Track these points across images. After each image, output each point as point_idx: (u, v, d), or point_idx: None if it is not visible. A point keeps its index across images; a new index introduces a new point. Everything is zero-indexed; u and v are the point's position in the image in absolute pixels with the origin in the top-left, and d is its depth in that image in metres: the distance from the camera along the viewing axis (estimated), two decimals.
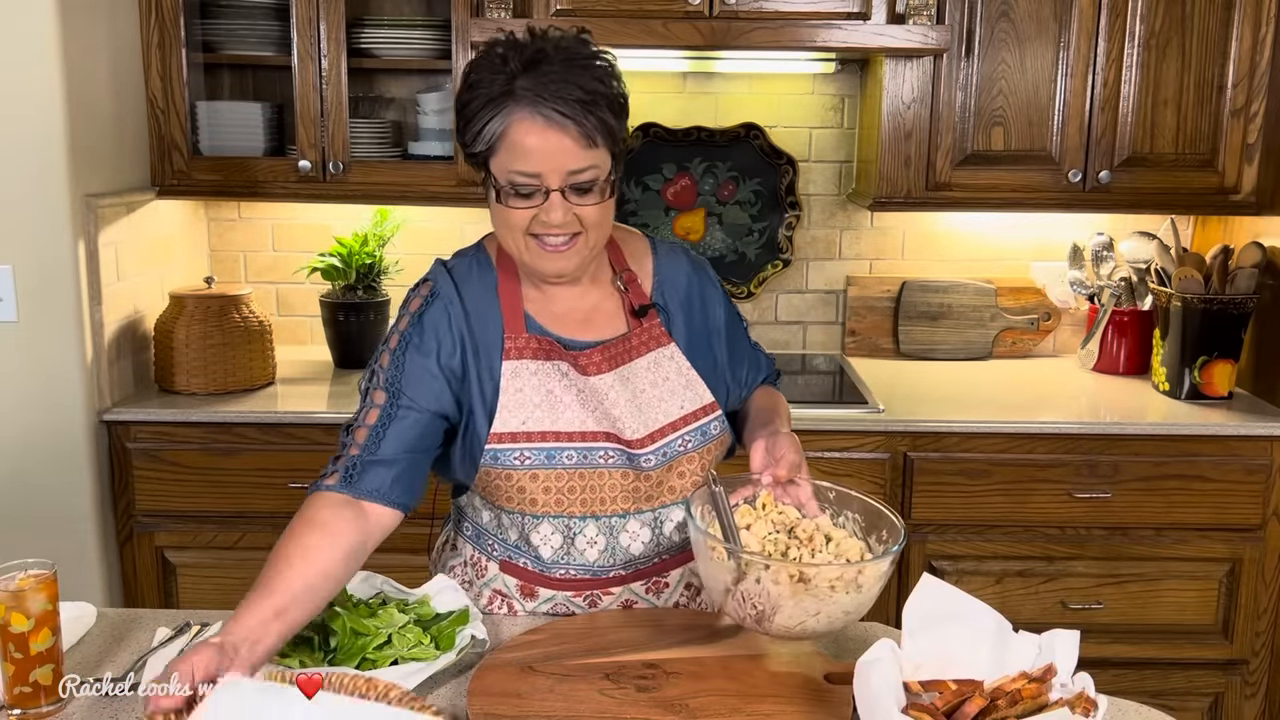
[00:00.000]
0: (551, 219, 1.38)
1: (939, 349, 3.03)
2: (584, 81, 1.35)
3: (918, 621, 1.21)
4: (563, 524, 1.48)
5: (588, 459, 1.45)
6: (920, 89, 2.62)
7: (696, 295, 1.58)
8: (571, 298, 1.52)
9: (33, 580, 1.26)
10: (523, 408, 1.45)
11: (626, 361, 1.50)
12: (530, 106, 1.34)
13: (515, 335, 1.47)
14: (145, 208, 2.62)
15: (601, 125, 1.36)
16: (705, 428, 1.52)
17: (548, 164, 1.35)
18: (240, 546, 2.52)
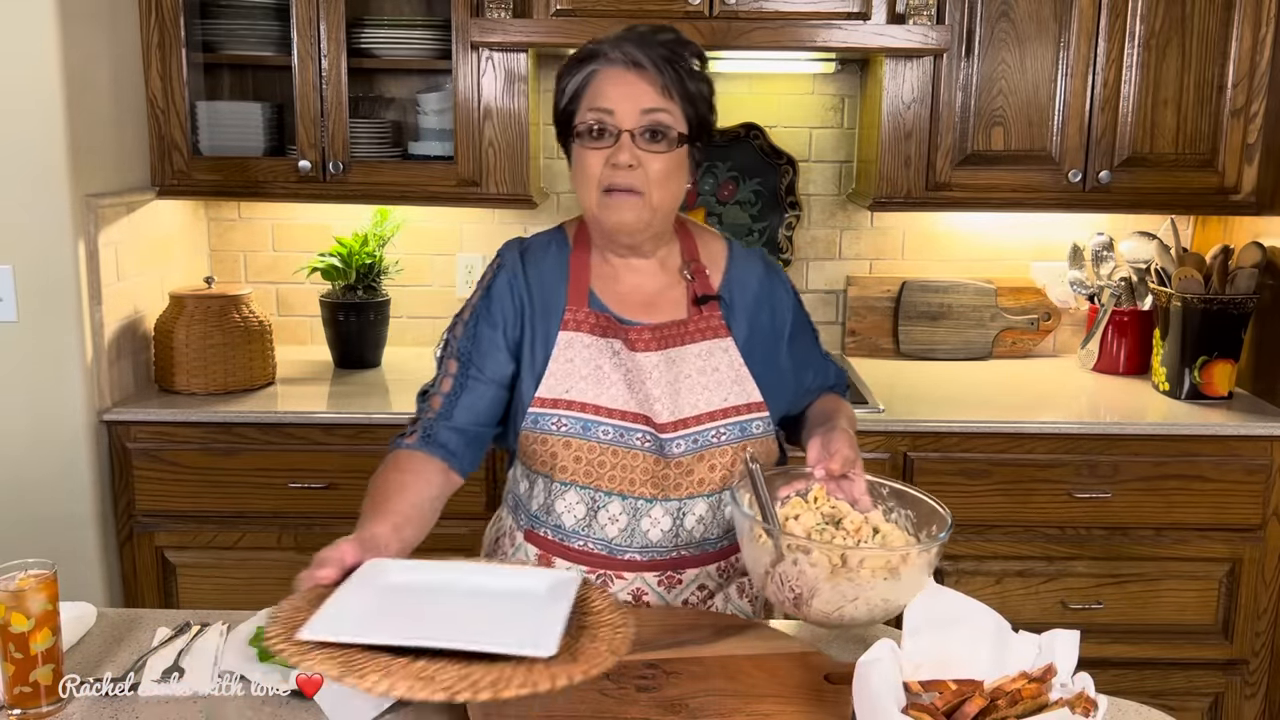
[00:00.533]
0: (620, 159, 1.44)
1: (939, 349, 3.03)
2: (671, 47, 1.46)
3: (918, 621, 1.21)
4: (588, 495, 1.51)
5: (623, 438, 1.49)
6: (920, 89, 2.62)
7: (766, 298, 1.61)
8: (638, 279, 1.57)
9: (33, 580, 1.26)
10: (569, 377, 1.50)
11: (677, 345, 1.53)
12: (618, 55, 1.45)
13: (576, 308, 1.54)
14: (145, 208, 2.62)
15: (678, 81, 1.45)
16: (746, 424, 1.53)
17: (623, 103, 1.44)
18: (240, 546, 2.52)
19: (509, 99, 2.60)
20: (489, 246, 3.01)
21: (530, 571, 1.36)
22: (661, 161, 1.46)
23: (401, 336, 3.04)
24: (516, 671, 1.04)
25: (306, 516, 2.50)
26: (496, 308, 1.55)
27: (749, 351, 1.56)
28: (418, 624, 1.12)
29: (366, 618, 1.13)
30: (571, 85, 1.48)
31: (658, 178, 1.46)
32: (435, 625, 1.12)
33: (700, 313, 1.55)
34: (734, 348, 1.55)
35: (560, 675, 1.04)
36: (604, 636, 1.14)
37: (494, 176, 2.64)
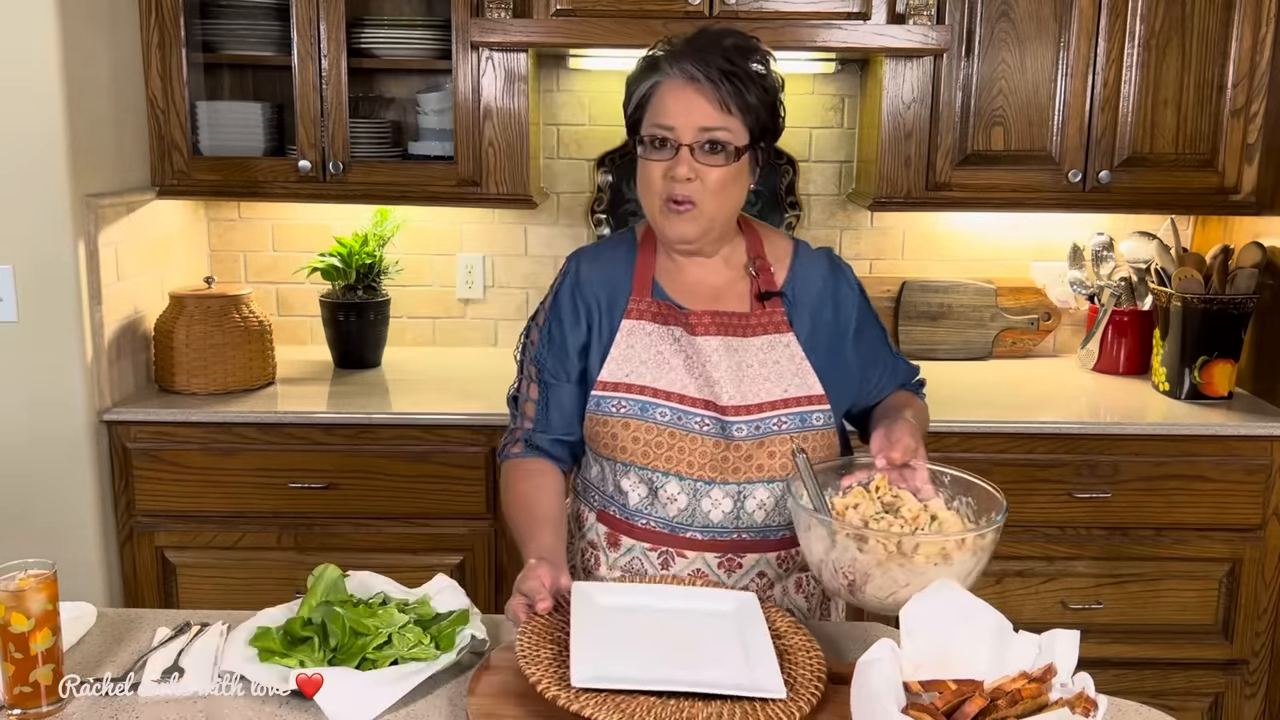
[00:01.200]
0: (678, 172, 1.49)
1: (939, 349, 3.03)
2: (733, 57, 1.49)
3: (918, 621, 1.21)
4: (647, 475, 1.55)
5: (681, 420, 1.53)
6: (920, 89, 2.62)
7: (830, 295, 1.63)
8: (702, 273, 1.62)
9: (33, 580, 1.26)
10: (629, 361, 1.57)
11: (739, 335, 1.57)
12: (680, 69, 1.49)
13: (640, 298, 1.60)
14: (145, 208, 2.62)
15: (737, 95, 1.48)
16: (806, 415, 1.56)
17: (683, 118, 1.48)
18: (240, 546, 2.52)
19: (509, 99, 2.60)
20: (489, 246, 3.01)
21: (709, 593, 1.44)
22: (719, 173, 1.50)
23: (401, 336, 3.04)
24: (755, 708, 1.19)
25: (306, 516, 2.50)
26: (565, 312, 1.62)
27: (812, 347, 1.59)
28: (662, 661, 1.26)
29: (616, 654, 1.26)
30: (637, 95, 1.53)
31: (714, 188, 1.51)
32: (675, 662, 1.26)
33: (763, 308, 1.59)
34: (795, 343, 1.58)
35: (794, 710, 1.19)
36: (802, 661, 1.29)
37: (494, 176, 2.64)
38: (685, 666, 1.26)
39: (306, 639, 1.34)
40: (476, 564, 2.52)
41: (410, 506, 2.49)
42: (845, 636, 1.47)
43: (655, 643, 1.31)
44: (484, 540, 2.51)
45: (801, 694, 1.22)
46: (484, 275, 3.02)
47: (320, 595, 1.38)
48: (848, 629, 1.51)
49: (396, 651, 1.33)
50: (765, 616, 1.37)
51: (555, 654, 1.27)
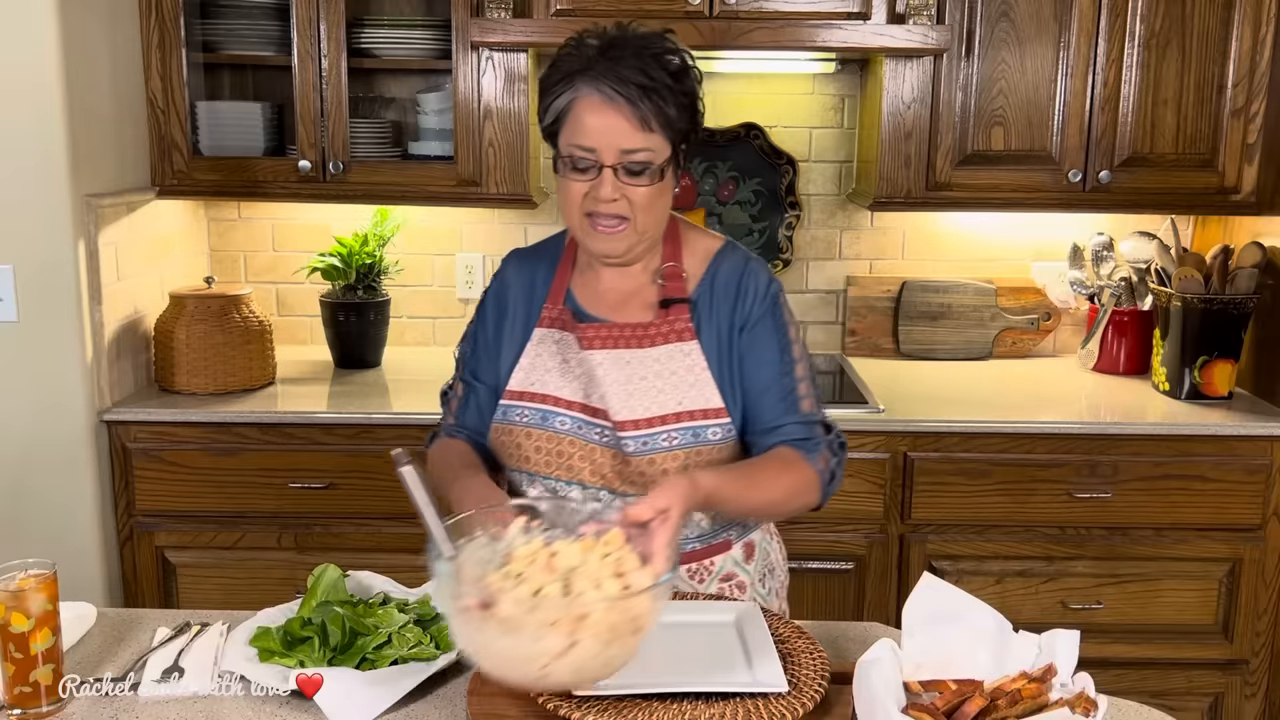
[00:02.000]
0: (602, 194, 1.45)
1: (939, 349, 3.03)
2: (650, 69, 1.42)
3: (918, 621, 1.21)
4: (551, 485, 1.53)
5: (581, 430, 1.51)
6: (920, 89, 2.62)
7: (738, 291, 1.55)
8: (614, 279, 1.58)
9: (33, 580, 1.26)
10: (535, 370, 1.55)
11: (635, 347, 1.53)
12: (593, 84, 1.42)
13: (553, 305, 1.58)
14: (145, 208, 2.62)
15: (658, 112, 1.42)
16: (700, 430, 1.50)
17: (603, 140, 1.43)
18: (240, 546, 2.52)
19: (509, 99, 2.60)
20: (489, 246, 3.01)
21: (710, 605, 1.44)
22: (644, 192, 1.46)
23: (401, 336, 3.04)
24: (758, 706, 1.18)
25: (306, 516, 2.50)
26: (489, 314, 1.63)
27: (718, 354, 1.53)
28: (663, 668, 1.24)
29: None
30: (554, 107, 1.47)
31: (642, 205, 1.46)
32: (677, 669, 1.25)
33: (665, 315, 1.53)
34: (697, 351, 1.52)
35: (797, 707, 1.18)
36: (805, 662, 1.29)
37: (494, 176, 2.64)
38: (687, 672, 1.26)
39: (306, 639, 1.34)
40: None
41: (410, 506, 2.48)
42: (846, 636, 1.47)
43: (657, 652, 1.30)
44: None
45: (805, 692, 1.22)
46: (484, 275, 3.02)
47: (320, 595, 1.39)
48: (847, 629, 1.51)
49: (396, 651, 1.33)
50: (768, 624, 1.37)
51: None
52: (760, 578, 1.62)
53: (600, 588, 1.15)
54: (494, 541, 1.25)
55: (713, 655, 1.31)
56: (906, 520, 2.51)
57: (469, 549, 1.23)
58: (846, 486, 2.45)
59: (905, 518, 2.51)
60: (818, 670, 1.27)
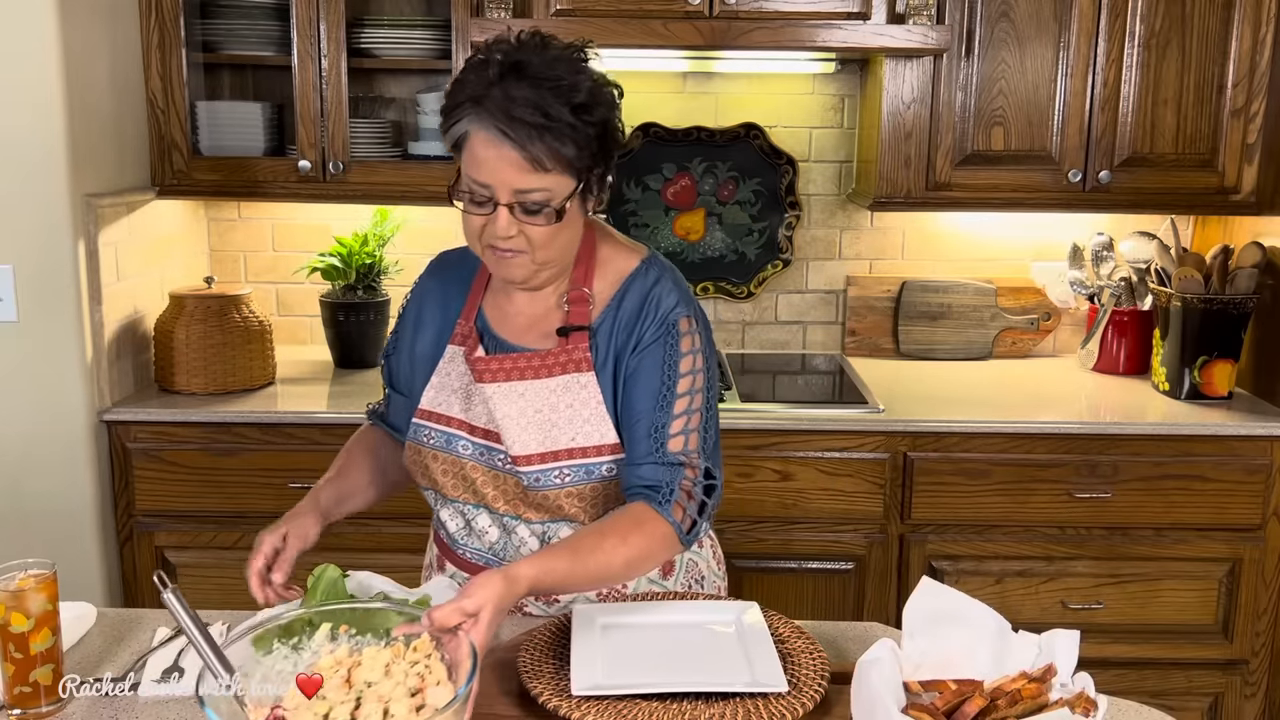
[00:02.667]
0: (497, 230, 1.38)
1: (939, 349, 3.03)
2: (549, 105, 1.32)
3: (918, 622, 1.21)
4: (460, 508, 1.54)
5: (484, 457, 1.49)
6: (920, 89, 2.62)
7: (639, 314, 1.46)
8: (524, 302, 1.53)
9: (33, 580, 1.26)
10: (443, 390, 1.52)
11: (530, 378, 1.46)
12: (489, 119, 1.33)
13: (465, 323, 1.54)
14: (145, 208, 2.62)
15: (551, 152, 1.33)
16: (593, 467, 1.45)
17: (496, 178, 1.35)
18: (240, 546, 2.52)
19: None
20: None
21: (710, 605, 1.44)
22: (541, 231, 1.38)
23: None
24: (758, 706, 1.19)
25: None
26: (406, 324, 1.61)
27: (612, 383, 1.46)
28: (663, 667, 1.26)
29: (617, 664, 1.27)
30: (451, 133, 1.39)
31: (540, 241, 1.39)
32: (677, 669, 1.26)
33: (565, 344, 1.46)
34: (593, 384, 1.45)
35: (797, 707, 1.19)
36: (805, 662, 1.30)
37: None
38: (687, 671, 1.26)
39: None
40: None
41: (410, 507, 2.47)
42: (846, 636, 1.47)
43: (656, 653, 1.32)
44: None
45: (805, 691, 1.22)
46: None
47: (320, 595, 1.38)
48: (847, 629, 1.51)
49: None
50: (768, 623, 1.37)
51: (557, 668, 1.27)
52: (687, 587, 1.58)
53: (390, 711, 1.07)
54: (296, 652, 1.18)
55: (713, 655, 1.31)
56: (906, 520, 2.51)
57: (267, 661, 1.16)
58: (846, 486, 2.47)
59: (905, 518, 2.51)
60: (818, 670, 1.27)
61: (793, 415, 2.48)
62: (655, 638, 1.35)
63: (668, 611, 1.42)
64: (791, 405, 2.54)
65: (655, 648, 1.33)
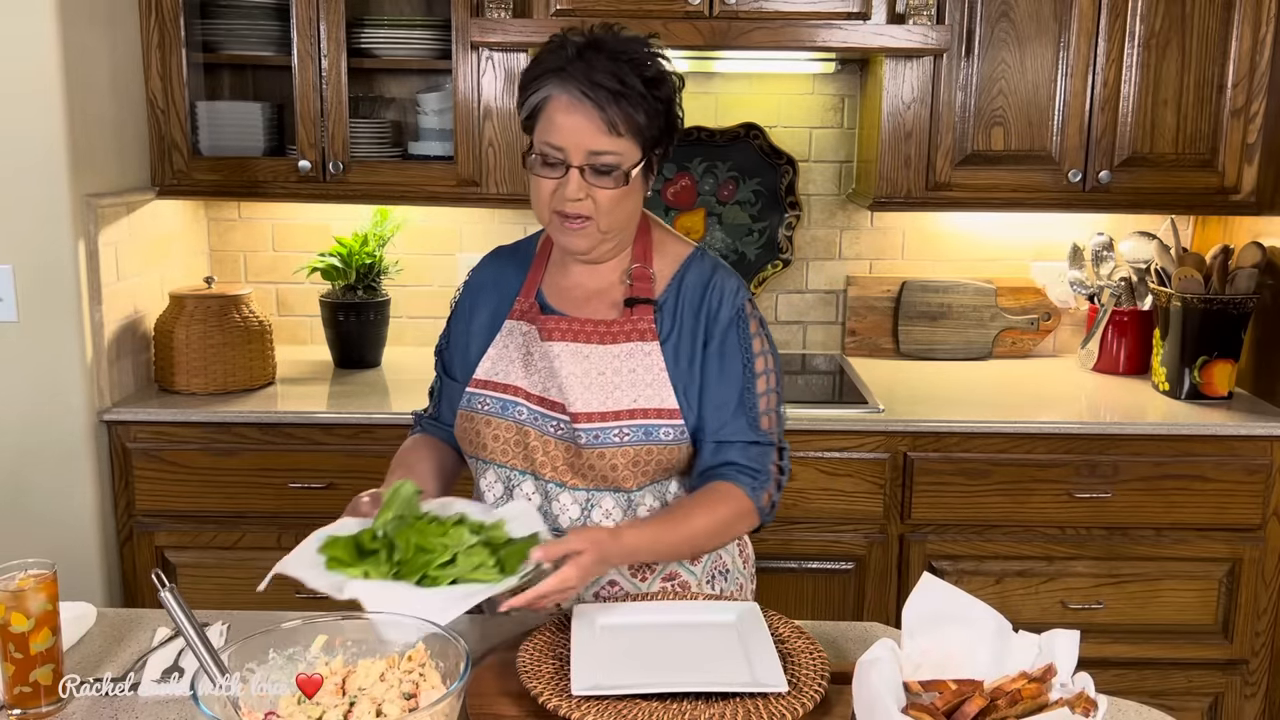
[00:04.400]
0: (568, 193, 1.47)
1: (939, 349, 3.03)
2: (625, 75, 1.44)
3: (918, 621, 1.21)
4: (504, 474, 1.56)
5: (538, 422, 1.54)
6: (920, 89, 2.62)
7: (704, 305, 1.56)
8: (583, 276, 1.60)
9: (33, 580, 1.26)
10: (500, 360, 1.59)
11: (595, 342, 1.55)
12: (567, 85, 1.45)
13: (524, 300, 1.61)
14: (145, 208, 2.62)
15: (626, 118, 1.44)
16: (652, 428, 1.51)
17: (571, 140, 1.45)
18: (240, 546, 2.52)
19: (509, 99, 2.60)
20: (489, 246, 2.96)
21: (710, 605, 1.44)
22: (609, 194, 1.48)
23: (401, 336, 3.04)
24: (758, 706, 1.19)
25: (306, 516, 2.49)
26: (462, 312, 1.67)
27: (676, 358, 1.54)
28: (663, 667, 1.26)
29: (617, 664, 1.27)
30: (529, 103, 1.51)
31: (607, 206, 1.49)
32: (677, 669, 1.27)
33: (630, 315, 1.56)
34: (658, 352, 1.54)
35: (797, 707, 1.19)
36: (805, 662, 1.30)
37: (494, 176, 2.64)
38: (687, 671, 1.26)
39: (373, 551, 1.31)
40: None
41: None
42: (846, 637, 1.47)
43: (656, 653, 1.32)
44: None
45: (805, 691, 1.22)
46: None
47: (395, 510, 1.35)
48: (847, 629, 1.51)
49: (458, 571, 1.28)
50: (768, 624, 1.37)
51: (557, 669, 1.27)
52: (709, 579, 1.61)
53: (382, 711, 1.09)
54: (291, 662, 1.17)
55: (713, 655, 1.31)
56: (906, 520, 2.51)
57: (262, 671, 1.16)
58: (846, 486, 2.47)
59: (905, 518, 2.51)
60: (818, 670, 1.27)
61: (793, 415, 2.48)
62: (655, 638, 1.35)
63: (668, 611, 1.42)
64: (791, 405, 2.53)
65: (655, 648, 1.33)
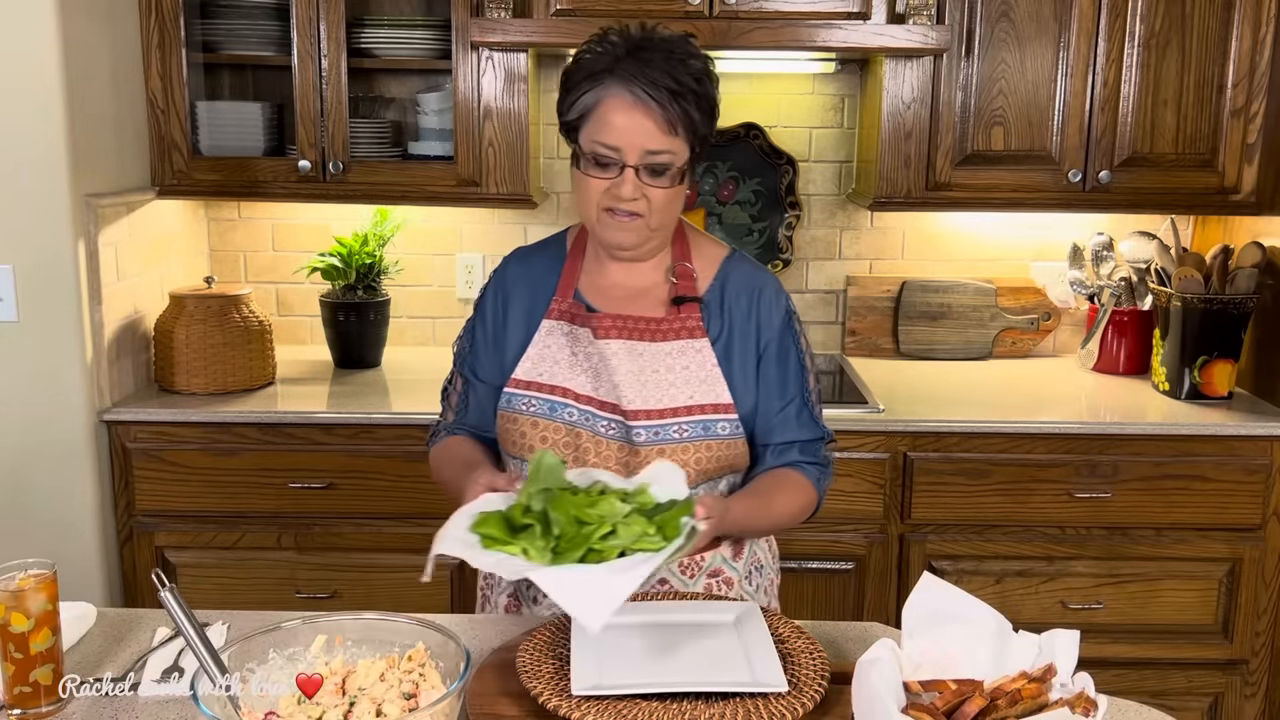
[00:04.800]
0: (622, 192, 1.47)
1: (939, 349, 3.03)
2: (678, 73, 1.45)
3: (918, 621, 1.21)
4: None
5: (589, 422, 1.53)
6: (920, 89, 2.62)
7: (754, 308, 1.58)
8: (622, 275, 1.60)
9: (33, 580, 1.26)
10: (544, 361, 1.57)
11: (648, 340, 1.55)
12: (624, 85, 1.44)
13: (561, 299, 1.59)
14: (145, 208, 2.62)
15: (684, 116, 1.45)
16: (710, 423, 1.53)
17: (628, 140, 1.45)
18: (240, 546, 2.52)
19: (509, 99, 2.60)
20: (489, 246, 3.01)
21: (709, 605, 1.44)
22: (663, 193, 1.49)
23: (401, 336, 3.04)
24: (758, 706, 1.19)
25: (306, 516, 2.50)
26: (487, 312, 1.65)
27: (726, 356, 1.56)
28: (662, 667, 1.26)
29: (617, 664, 1.27)
30: (579, 104, 1.48)
31: (660, 205, 1.50)
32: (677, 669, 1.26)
33: (678, 312, 1.56)
34: (709, 349, 1.55)
35: (797, 707, 1.19)
36: (805, 662, 1.29)
37: (494, 176, 2.64)
38: (687, 671, 1.26)
39: (527, 527, 1.28)
40: None
41: (410, 506, 2.49)
42: (846, 637, 1.47)
43: (656, 652, 1.32)
44: None
45: (805, 691, 1.22)
46: (484, 275, 3.02)
47: (541, 482, 1.32)
48: (847, 629, 1.51)
49: (622, 543, 1.26)
50: (767, 623, 1.37)
51: (556, 668, 1.27)
52: (747, 574, 1.62)
53: (382, 710, 1.10)
54: (291, 662, 1.18)
55: (713, 655, 1.31)
56: (906, 520, 2.51)
57: (262, 671, 1.16)
58: (846, 486, 2.47)
59: (905, 518, 2.51)
60: (818, 670, 1.27)
61: None
62: (655, 638, 1.35)
63: (668, 611, 1.42)
64: None
65: (655, 648, 1.33)
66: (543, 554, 1.24)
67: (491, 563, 1.25)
